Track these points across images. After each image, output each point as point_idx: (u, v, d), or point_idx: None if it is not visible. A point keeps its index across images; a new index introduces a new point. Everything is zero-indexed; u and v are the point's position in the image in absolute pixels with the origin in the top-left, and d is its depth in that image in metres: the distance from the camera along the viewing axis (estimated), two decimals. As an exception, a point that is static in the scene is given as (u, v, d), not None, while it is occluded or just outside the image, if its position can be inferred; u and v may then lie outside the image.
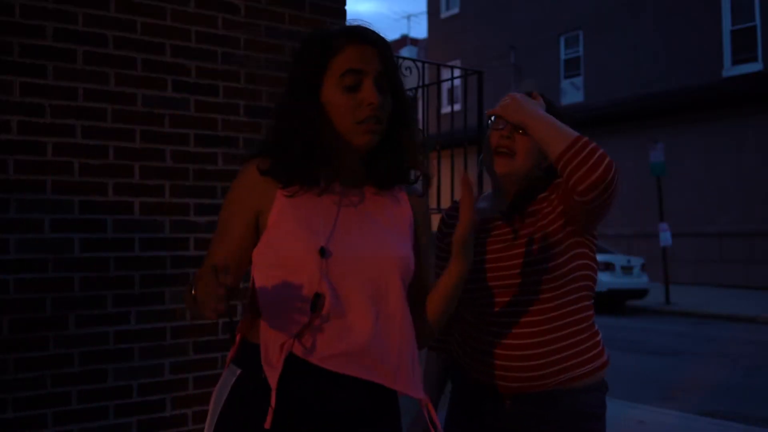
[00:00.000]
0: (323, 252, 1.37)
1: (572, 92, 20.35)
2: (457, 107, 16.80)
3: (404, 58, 5.19)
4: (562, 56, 20.76)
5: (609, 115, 17.97)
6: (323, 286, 1.36)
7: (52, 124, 2.87)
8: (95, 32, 2.97)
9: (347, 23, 1.55)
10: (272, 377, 1.36)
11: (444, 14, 25.16)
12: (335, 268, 1.38)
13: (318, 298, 1.35)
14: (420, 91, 5.32)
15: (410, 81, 5.18)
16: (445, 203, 5.61)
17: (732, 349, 8.84)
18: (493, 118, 1.82)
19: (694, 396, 6.30)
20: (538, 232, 1.74)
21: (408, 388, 1.44)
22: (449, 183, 5.60)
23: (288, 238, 1.39)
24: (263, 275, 1.41)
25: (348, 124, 1.41)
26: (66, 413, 2.85)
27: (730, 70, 16.52)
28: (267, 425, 1.34)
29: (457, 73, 13.37)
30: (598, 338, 1.80)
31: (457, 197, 6.16)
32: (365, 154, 1.46)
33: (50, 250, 2.86)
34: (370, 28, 1.47)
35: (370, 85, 1.41)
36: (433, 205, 5.77)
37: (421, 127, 5.63)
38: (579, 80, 20.28)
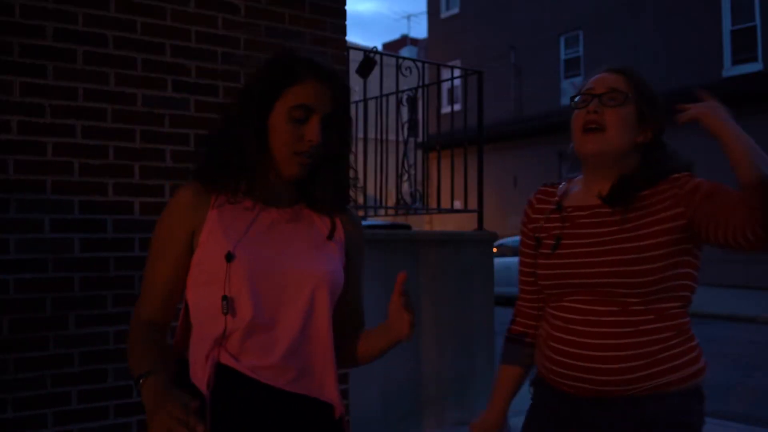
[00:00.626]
0: (229, 257, 1.40)
1: (572, 92, 20.31)
2: (457, 107, 16.78)
3: (404, 58, 5.20)
4: (562, 56, 20.76)
5: (609, 115, 17.92)
6: (229, 289, 1.39)
7: (52, 124, 2.87)
8: (95, 32, 2.97)
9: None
10: (201, 387, 1.40)
11: (444, 14, 25.16)
12: (249, 275, 1.41)
13: (225, 300, 1.39)
14: (420, 91, 5.32)
15: (410, 81, 5.18)
16: (445, 203, 5.61)
17: (732, 349, 8.84)
18: (577, 98, 1.70)
19: (694, 396, 6.30)
20: (644, 228, 1.59)
21: (334, 400, 1.49)
22: (449, 183, 5.60)
23: (209, 250, 1.44)
24: (192, 294, 1.47)
25: (284, 152, 1.45)
26: (66, 413, 2.85)
27: (730, 70, 16.52)
28: None
29: (457, 73, 13.37)
30: (693, 343, 1.66)
31: (457, 197, 6.09)
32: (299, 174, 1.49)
33: (50, 250, 2.86)
34: (331, 67, 1.52)
35: (316, 122, 1.45)
36: (433, 205, 5.77)
37: (421, 127, 5.64)
38: (579, 80, 20.25)
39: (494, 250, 5.50)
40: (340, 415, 1.51)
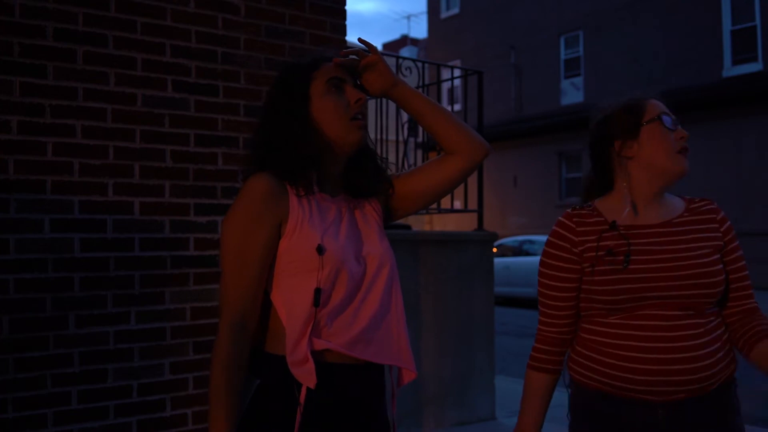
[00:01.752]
0: (320, 249, 1.44)
1: (572, 92, 20.34)
2: (457, 107, 16.79)
3: (404, 58, 5.19)
4: (562, 56, 20.75)
5: (609, 115, 17.92)
6: (321, 281, 1.44)
7: (52, 124, 2.87)
8: (95, 32, 2.97)
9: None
10: (308, 375, 1.42)
11: (444, 14, 25.16)
12: (338, 265, 1.47)
13: (318, 293, 1.43)
14: (420, 91, 5.32)
15: (410, 81, 5.18)
16: (445, 203, 5.62)
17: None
18: (662, 117, 1.83)
19: (694, 396, 6.30)
20: (713, 243, 1.78)
21: (410, 364, 1.58)
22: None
23: (297, 241, 1.46)
24: (280, 284, 1.48)
25: (341, 123, 1.53)
26: (66, 413, 2.85)
27: (730, 70, 16.52)
28: (296, 428, 1.42)
29: (457, 73, 13.36)
30: (728, 341, 1.83)
31: (457, 197, 6.09)
32: (348, 158, 1.58)
33: (50, 250, 2.86)
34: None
35: (352, 86, 1.57)
36: (433, 205, 5.77)
37: (420, 127, 5.63)
38: (579, 80, 20.28)
39: (494, 250, 5.49)
40: (408, 380, 1.62)
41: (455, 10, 24.64)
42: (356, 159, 1.60)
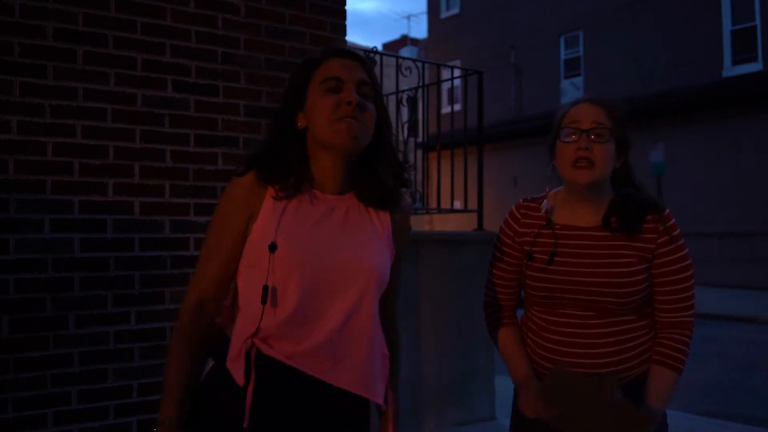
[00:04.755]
0: (272, 247, 1.43)
1: (572, 92, 20.34)
2: (457, 107, 16.80)
3: (404, 58, 5.19)
4: (562, 56, 20.75)
5: (609, 115, 17.92)
6: (273, 279, 1.43)
7: (52, 124, 2.87)
8: (95, 32, 2.97)
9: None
10: (236, 372, 1.43)
11: (444, 14, 25.16)
12: (294, 266, 1.44)
13: (265, 290, 1.42)
14: (420, 91, 5.32)
15: (410, 81, 5.17)
16: (445, 203, 5.61)
17: (732, 349, 8.84)
18: (563, 130, 1.88)
19: (694, 396, 6.30)
20: (639, 253, 1.84)
21: (369, 392, 1.50)
22: (449, 183, 5.60)
23: (257, 238, 1.47)
24: (240, 278, 1.51)
25: (325, 124, 1.48)
26: (66, 413, 2.85)
27: (730, 70, 16.51)
28: (245, 424, 1.41)
29: (457, 73, 13.36)
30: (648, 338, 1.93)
31: (457, 197, 6.07)
32: (345, 159, 1.53)
33: (50, 250, 2.86)
34: (349, 48, 1.59)
35: (350, 87, 1.50)
36: (433, 205, 5.77)
37: (421, 127, 5.64)
38: (579, 80, 20.28)
39: (494, 250, 5.48)
40: (380, 407, 1.57)
41: (455, 10, 24.64)
42: (368, 162, 1.55)
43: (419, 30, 72.14)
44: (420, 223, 17.53)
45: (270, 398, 1.44)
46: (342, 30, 3.66)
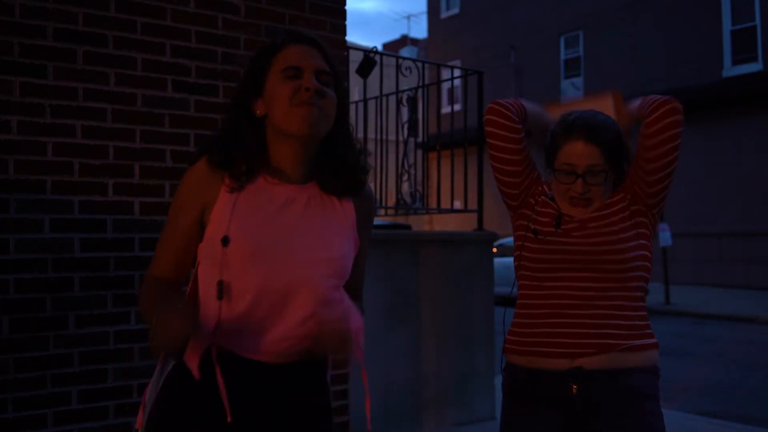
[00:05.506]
0: (225, 240, 1.41)
1: (572, 92, 20.34)
2: (457, 107, 16.80)
3: (404, 58, 5.19)
4: (562, 56, 20.75)
5: (609, 115, 17.93)
6: (227, 274, 1.41)
7: (52, 124, 2.87)
8: (95, 32, 2.97)
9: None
10: (193, 368, 1.42)
11: (444, 14, 25.16)
12: (248, 260, 1.42)
13: (221, 285, 1.41)
14: (420, 91, 5.32)
15: (410, 81, 5.18)
16: (445, 203, 5.61)
17: (732, 349, 8.84)
18: (557, 171, 1.91)
19: (694, 396, 6.30)
20: (611, 225, 1.89)
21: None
22: (449, 183, 5.60)
23: (213, 231, 1.45)
24: (201, 266, 1.49)
25: (284, 109, 1.45)
26: (66, 413, 2.85)
27: (730, 70, 16.51)
28: (228, 419, 1.40)
29: (457, 73, 13.36)
30: (648, 321, 1.95)
31: (457, 197, 6.06)
32: (305, 147, 1.49)
33: (50, 250, 2.86)
34: (310, 33, 1.57)
35: (309, 74, 1.47)
36: (433, 205, 5.77)
37: (421, 127, 5.64)
38: (579, 80, 20.27)
39: (494, 250, 5.49)
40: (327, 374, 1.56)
41: (455, 10, 24.64)
42: (329, 150, 1.53)
43: (419, 30, 72.15)
44: (420, 223, 17.52)
45: (233, 393, 1.42)
46: (342, 30, 3.66)
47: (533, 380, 1.91)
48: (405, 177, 5.31)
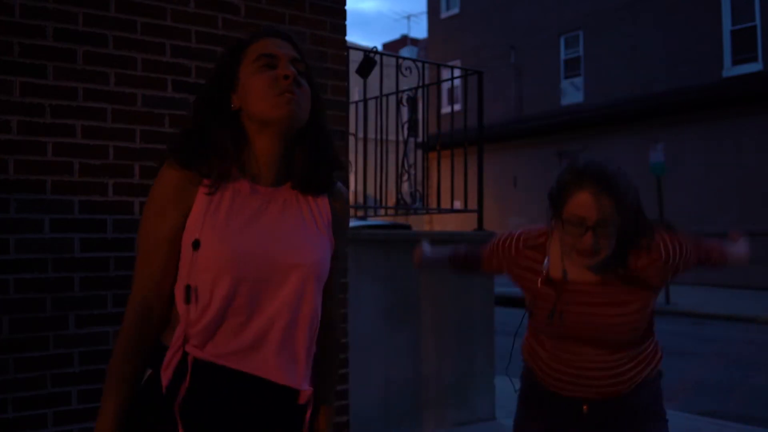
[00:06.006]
0: (195, 244, 1.37)
1: (572, 92, 20.34)
2: (457, 107, 16.79)
3: (404, 58, 5.19)
4: (562, 56, 20.75)
5: (609, 116, 17.95)
6: (192, 278, 1.37)
7: (52, 124, 2.87)
8: (95, 32, 2.97)
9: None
10: (165, 381, 1.38)
11: (444, 14, 25.16)
12: (220, 264, 1.37)
13: (188, 290, 1.37)
14: (420, 91, 5.32)
15: (410, 81, 5.17)
16: (445, 203, 5.61)
17: (732, 349, 8.84)
18: (566, 222, 1.84)
19: (694, 396, 6.30)
20: (642, 291, 1.90)
21: (303, 386, 1.45)
22: (449, 183, 5.60)
23: (187, 235, 1.40)
24: (179, 276, 1.44)
25: (265, 99, 1.40)
26: (66, 413, 2.85)
27: (730, 70, 16.52)
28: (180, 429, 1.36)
29: (457, 73, 13.36)
30: (655, 343, 2.04)
31: (457, 197, 6.06)
32: (282, 139, 1.45)
33: (50, 250, 2.85)
34: (281, 28, 1.53)
35: (285, 61, 1.42)
36: (433, 205, 5.77)
37: (421, 127, 5.64)
38: (579, 80, 20.27)
39: (494, 250, 5.47)
40: (305, 402, 1.46)
41: (455, 10, 24.64)
42: (302, 146, 1.48)
43: (419, 30, 72.13)
44: (420, 223, 17.52)
45: (205, 401, 1.38)
46: (342, 30, 3.65)
47: (549, 395, 2.03)
48: (405, 177, 5.31)
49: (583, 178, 1.80)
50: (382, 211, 5.82)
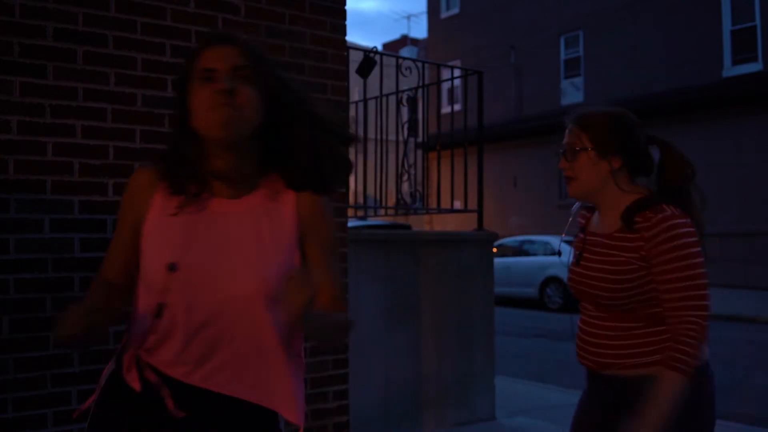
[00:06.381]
0: (172, 267, 1.41)
1: (572, 92, 20.34)
2: (457, 107, 16.78)
3: (404, 58, 5.19)
4: (562, 56, 20.75)
5: (609, 115, 17.92)
6: (168, 297, 1.42)
7: (52, 124, 2.87)
8: (95, 32, 2.97)
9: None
10: (134, 383, 1.47)
11: (444, 14, 25.15)
12: (187, 285, 1.41)
13: (161, 307, 1.43)
14: (420, 91, 5.32)
15: (410, 81, 5.18)
16: (445, 203, 5.61)
17: (732, 349, 8.84)
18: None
19: (694, 396, 6.28)
20: (634, 252, 1.92)
21: (282, 407, 1.46)
22: (449, 183, 5.60)
23: (148, 251, 1.47)
24: (140, 284, 1.51)
25: (199, 116, 1.41)
26: (66, 413, 2.85)
27: (730, 70, 16.52)
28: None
29: (457, 73, 13.36)
30: (657, 341, 2.04)
31: (457, 197, 6.07)
32: (232, 152, 1.44)
33: (50, 250, 2.85)
34: (227, 32, 1.57)
35: (219, 76, 1.41)
36: (433, 205, 5.77)
37: (421, 127, 5.64)
38: (579, 80, 20.27)
39: (494, 250, 5.49)
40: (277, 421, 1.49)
41: (455, 10, 24.64)
42: (274, 146, 1.47)
43: (419, 30, 72.08)
44: (420, 223, 17.52)
45: (149, 406, 1.45)
46: (342, 30, 3.65)
47: (587, 376, 2.11)
48: (405, 177, 5.31)
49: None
50: (382, 211, 5.82)
